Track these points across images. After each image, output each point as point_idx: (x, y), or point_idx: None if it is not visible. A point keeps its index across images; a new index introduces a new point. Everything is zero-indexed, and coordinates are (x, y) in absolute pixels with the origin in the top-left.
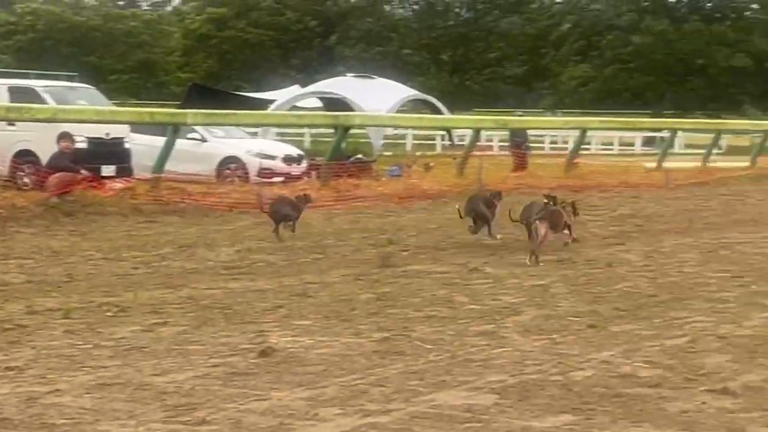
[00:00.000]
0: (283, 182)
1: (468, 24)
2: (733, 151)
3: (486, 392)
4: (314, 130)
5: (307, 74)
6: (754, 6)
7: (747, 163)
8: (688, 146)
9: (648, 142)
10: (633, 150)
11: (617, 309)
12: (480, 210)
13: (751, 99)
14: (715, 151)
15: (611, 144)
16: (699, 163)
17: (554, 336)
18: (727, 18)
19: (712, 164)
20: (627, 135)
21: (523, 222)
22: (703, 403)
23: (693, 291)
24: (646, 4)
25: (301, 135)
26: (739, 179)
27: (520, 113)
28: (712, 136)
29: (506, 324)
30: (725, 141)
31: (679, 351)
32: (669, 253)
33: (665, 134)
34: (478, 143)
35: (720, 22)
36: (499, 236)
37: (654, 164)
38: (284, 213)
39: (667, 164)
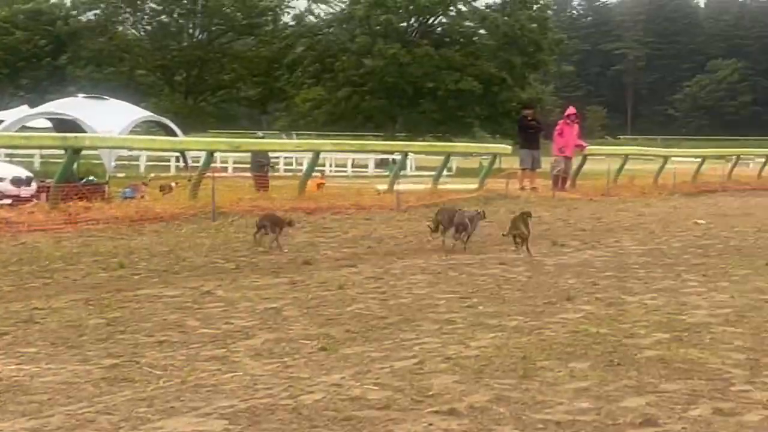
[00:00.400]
0: (10, 205)
1: (202, 45)
2: (462, 173)
3: (216, 418)
4: (45, 152)
5: (36, 94)
6: (482, 32)
7: (476, 185)
8: (419, 168)
9: (381, 164)
10: (366, 172)
11: (348, 331)
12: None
13: (480, 122)
14: (445, 173)
15: (345, 166)
16: (430, 185)
17: (285, 359)
18: (456, 43)
19: (442, 186)
20: (360, 157)
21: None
22: (430, 424)
23: (422, 312)
24: (378, 28)
25: (31, 156)
26: (468, 201)
27: (261, 135)
28: (442, 158)
29: (238, 348)
30: (455, 163)
31: (408, 372)
32: (400, 275)
33: (397, 156)
34: (213, 165)
35: (449, 47)
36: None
37: (386, 186)
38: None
39: (398, 186)
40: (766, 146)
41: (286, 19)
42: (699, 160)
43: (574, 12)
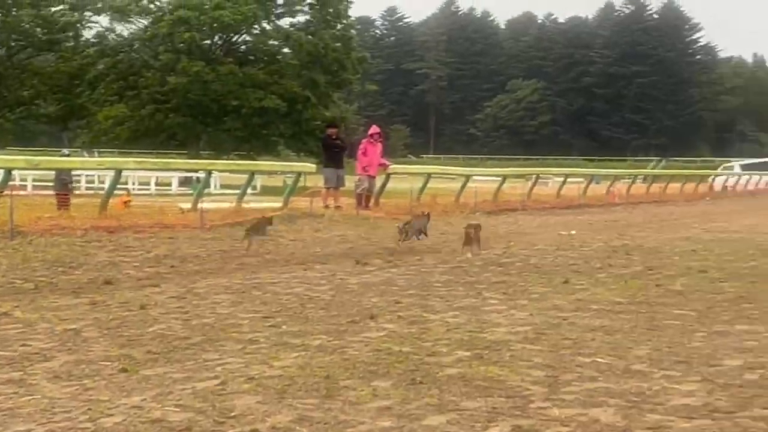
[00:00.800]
0: None
1: (1, 61)
2: (267, 191)
3: None
4: None
5: None
6: (286, 50)
7: (280, 204)
8: (224, 186)
9: (185, 182)
10: (170, 190)
11: (150, 352)
12: (419, 226)
13: (285, 140)
14: (249, 191)
15: (148, 184)
16: (234, 204)
17: (85, 381)
18: (261, 61)
19: (246, 205)
20: (164, 175)
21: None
22: None
23: (225, 332)
24: (181, 45)
25: None
26: (273, 219)
27: (67, 153)
28: (246, 176)
29: (35, 371)
30: (260, 181)
31: (210, 393)
32: (203, 295)
33: (201, 175)
34: (12, 183)
35: (253, 65)
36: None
37: (190, 204)
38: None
39: (202, 204)
40: (565, 165)
41: (88, 35)
42: (500, 178)
43: (378, 32)
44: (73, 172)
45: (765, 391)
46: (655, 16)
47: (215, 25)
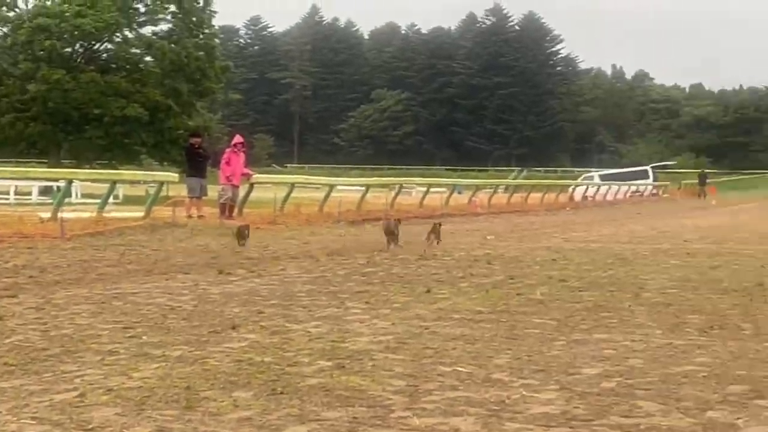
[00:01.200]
0: None
1: None
2: (129, 200)
3: None
4: None
5: None
6: (148, 59)
7: (142, 213)
8: (85, 196)
9: (45, 191)
10: (30, 199)
11: (6, 364)
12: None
13: (147, 149)
14: (111, 200)
15: (8, 193)
16: (95, 213)
17: None
18: (123, 69)
19: (108, 214)
20: (23, 184)
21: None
22: None
23: (84, 343)
24: (41, 53)
25: None
26: (135, 229)
27: None
28: (108, 185)
29: None
30: (122, 191)
31: (68, 406)
32: (62, 305)
33: (62, 184)
34: None
35: (115, 73)
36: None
37: (50, 214)
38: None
39: (63, 214)
40: (428, 175)
41: None
42: (363, 188)
43: (242, 41)
44: None
45: (622, 399)
46: (517, 27)
47: (76, 32)
